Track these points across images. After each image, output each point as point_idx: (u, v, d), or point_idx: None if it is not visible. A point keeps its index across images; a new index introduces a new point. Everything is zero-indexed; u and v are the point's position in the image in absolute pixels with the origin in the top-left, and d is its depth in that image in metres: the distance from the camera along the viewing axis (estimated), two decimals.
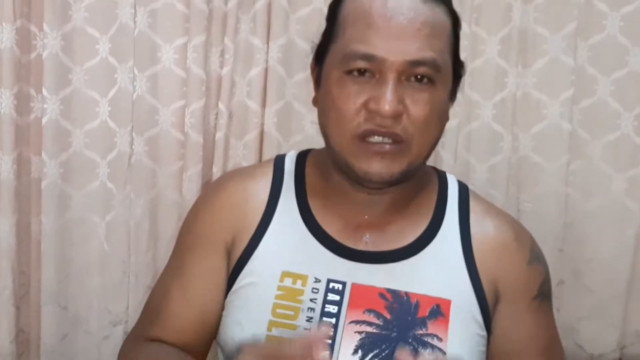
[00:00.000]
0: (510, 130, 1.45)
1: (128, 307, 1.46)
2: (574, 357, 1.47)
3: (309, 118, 1.44)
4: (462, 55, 0.88)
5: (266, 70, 1.42)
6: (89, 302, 1.46)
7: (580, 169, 1.47)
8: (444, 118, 0.84)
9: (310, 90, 0.91)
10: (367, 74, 0.80)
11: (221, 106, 1.43)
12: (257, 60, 1.41)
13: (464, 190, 0.93)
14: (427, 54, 0.79)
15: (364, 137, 0.80)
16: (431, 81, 0.80)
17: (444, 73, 0.81)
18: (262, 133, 1.44)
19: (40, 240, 1.42)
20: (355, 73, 0.80)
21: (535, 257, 0.92)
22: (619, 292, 1.50)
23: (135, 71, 1.40)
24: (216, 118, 1.44)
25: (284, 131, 1.45)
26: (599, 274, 1.50)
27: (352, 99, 0.79)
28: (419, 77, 0.80)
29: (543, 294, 0.92)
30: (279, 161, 0.93)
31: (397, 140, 0.80)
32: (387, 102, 0.77)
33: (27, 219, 1.42)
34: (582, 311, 1.50)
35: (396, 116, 0.79)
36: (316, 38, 0.88)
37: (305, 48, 1.42)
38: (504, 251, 0.89)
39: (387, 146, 0.80)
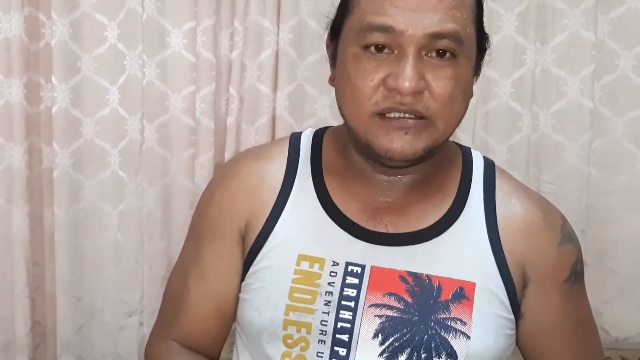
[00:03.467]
0: (529, 108, 1.41)
1: (142, 297, 1.45)
2: None
3: (322, 101, 1.41)
4: None
5: (277, 52, 1.39)
6: (103, 293, 1.45)
7: (602, 148, 1.43)
8: (468, 93, 0.80)
9: (322, 73, 0.87)
10: (385, 50, 0.76)
11: (232, 91, 1.40)
12: (268, 43, 1.38)
13: (489, 168, 0.89)
14: (449, 26, 0.75)
15: (383, 114, 0.76)
16: (454, 55, 0.76)
17: (467, 46, 0.77)
18: (274, 117, 1.42)
19: (53, 231, 1.41)
20: (373, 49, 0.76)
21: (567, 237, 0.87)
22: None
23: (145, 57, 1.39)
24: (227, 103, 1.42)
25: (296, 115, 1.42)
26: (623, 256, 1.46)
27: (370, 76, 0.75)
28: (440, 51, 0.76)
29: (575, 275, 0.88)
30: (295, 139, 0.90)
31: (420, 117, 0.76)
32: (407, 78, 0.73)
33: (40, 209, 1.41)
34: (606, 294, 1.47)
35: (417, 93, 0.75)
36: (331, 14, 0.84)
37: (317, 29, 1.40)
38: (531, 232, 0.85)
39: (410, 121, 0.76)
